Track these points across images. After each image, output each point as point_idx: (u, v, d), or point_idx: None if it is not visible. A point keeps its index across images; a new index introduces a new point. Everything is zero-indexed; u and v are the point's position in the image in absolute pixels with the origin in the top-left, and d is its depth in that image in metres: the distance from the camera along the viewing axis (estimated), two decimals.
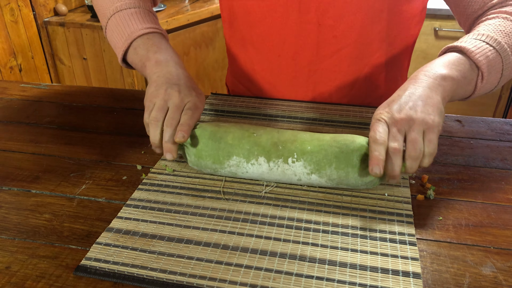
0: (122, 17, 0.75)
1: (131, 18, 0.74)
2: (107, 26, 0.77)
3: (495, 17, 0.69)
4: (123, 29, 0.74)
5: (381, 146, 0.55)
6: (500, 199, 0.61)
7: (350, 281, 0.47)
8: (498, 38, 0.65)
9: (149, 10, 0.78)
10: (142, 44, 0.72)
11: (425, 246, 0.53)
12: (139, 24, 0.74)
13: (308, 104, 0.86)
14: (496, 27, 0.66)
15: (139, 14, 0.75)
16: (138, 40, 0.73)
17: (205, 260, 0.50)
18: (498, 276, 0.49)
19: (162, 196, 0.61)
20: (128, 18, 0.74)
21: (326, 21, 0.81)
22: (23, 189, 0.63)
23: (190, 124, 0.62)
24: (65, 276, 0.49)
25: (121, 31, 0.74)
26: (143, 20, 0.74)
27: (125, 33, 0.74)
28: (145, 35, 0.73)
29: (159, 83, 0.65)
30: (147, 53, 0.71)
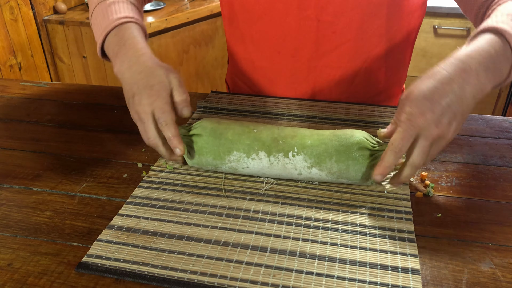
0: (96, 12, 0.73)
1: (106, 11, 0.71)
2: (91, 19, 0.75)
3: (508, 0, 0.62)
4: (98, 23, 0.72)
5: (396, 156, 0.53)
6: (499, 196, 0.61)
7: (349, 278, 0.48)
8: None
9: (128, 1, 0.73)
10: (112, 40, 0.69)
11: (424, 242, 0.53)
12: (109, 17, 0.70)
13: (308, 102, 0.87)
14: None
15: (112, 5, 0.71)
16: (109, 36, 0.69)
17: (205, 257, 0.51)
18: (496, 272, 0.49)
19: (163, 194, 0.61)
20: (102, 13, 0.71)
21: (325, 17, 0.82)
22: (24, 187, 0.64)
23: (175, 133, 0.59)
24: (67, 273, 0.49)
25: (95, 28, 0.72)
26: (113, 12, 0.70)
27: (98, 31, 0.71)
28: (114, 29, 0.69)
29: (128, 91, 0.63)
30: (114, 52, 0.68)
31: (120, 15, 0.69)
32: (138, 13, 0.74)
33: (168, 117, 0.60)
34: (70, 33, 2.06)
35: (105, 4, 0.71)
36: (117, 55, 0.67)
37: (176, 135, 0.60)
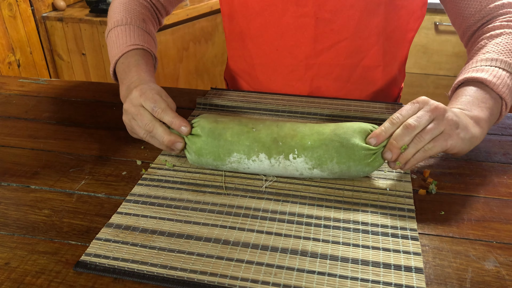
0: (110, 37, 0.80)
1: (117, 37, 0.78)
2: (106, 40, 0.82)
3: (501, 34, 0.70)
4: (110, 50, 0.79)
5: (392, 126, 0.57)
6: (503, 194, 0.61)
7: (352, 276, 0.47)
8: (510, 61, 0.66)
9: (137, 25, 0.80)
10: (119, 68, 0.75)
11: (427, 240, 0.53)
12: (119, 46, 0.77)
13: (309, 98, 0.86)
14: (505, 47, 0.68)
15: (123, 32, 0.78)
16: (118, 64, 0.76)
17: (205, 255, 0.50)
18: (500, 271, 0.48)
19: (162, 191, 0.60)
20: (114, 39, 0.78)
21: (324, 15, 0.81)
22: (22, 185, 0.63)
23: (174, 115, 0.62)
24: (65, 272, 0.48)
25: (109, 53, 0.80)
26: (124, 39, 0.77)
27: (111, 56, 0.78)
28: (121, 57, 0.76)
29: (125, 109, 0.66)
30: (121, 79, 0.74)
31: (129, 43, 0.76)
32: (147, 37, 0.79)
33: (162, 104, 0.62)
34: (69, 30, 2.05)
35: (116, 31, 0.78)
36: (122, 83, 0.72)
37: (176, 116, 0.62)
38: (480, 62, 0.68)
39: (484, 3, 0.74)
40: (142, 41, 0.78)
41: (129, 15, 0.80)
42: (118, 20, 0.80)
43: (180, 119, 0.62)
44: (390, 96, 0.97)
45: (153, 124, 0.62)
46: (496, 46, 0.69)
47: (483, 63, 0.67)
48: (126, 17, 0.80)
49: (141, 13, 0.83)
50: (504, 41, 0.69)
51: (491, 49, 0.69)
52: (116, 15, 0.81)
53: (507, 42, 0.69)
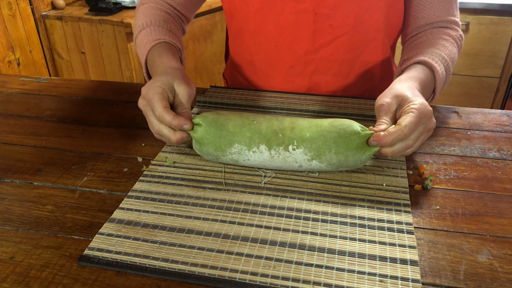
0: (136, 43, 0.85)
1: (141, 41, 0.82)
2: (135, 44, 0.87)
3: (448, 40, 0.81)
4: (139, 55, 0.84)
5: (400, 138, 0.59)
6: (496, 189, 0.62)
7: (348, 269, 0.48)
8: (450, 66, 0.77)
9: (158, 24, 0.84)
10: (149, 66, 0.79)
11: (422, 234, 0.54)
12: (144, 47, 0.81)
13: (307, 96, 0.87)
14: (449, 54, 0.78)
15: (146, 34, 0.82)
16: (147, 63, 0.79)
17: (206, 249, 0.51)
18: (493, 263, 0.50)
19: (163, 187, 0.62)
20: (139, 43, 0.83)
21: (322, 10, 0.82)
22: (25, 181, 0.64)
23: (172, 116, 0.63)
24: (69, 266, 0.50)
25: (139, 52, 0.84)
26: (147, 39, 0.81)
27: (140, 59, 0.83)
28: (149, 52, 0.79)
29: None
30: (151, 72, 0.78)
31: (151, 40, 0.80)
32: (168, 33, 0.83)
33: (157, 105, 0.63)
34: (69, 28, 2.06)
35: (140, 36, 0.83)
36: (153, 75, 0.75)
37: (174, 117, 0.62)
38: (434, 54, 0.76)
39: (442, 14, 0.83)
40: (164, 35, 0.81)
41: (149, 19, 0.85)
42: (140, 25, 0.84)
43: (178, 119, 0.62)
44: None
45: (158, 127, 0.64)
46: (445, 48, 0.78)
47: (437, 56, 0.76)
48: (147, 21, 0.84)
49: (161, 16, 0.87)
50: (450, 47, 0.80)
51: (441, 48, 0.78)
52: (139, 22, 0.86)
53: (451, 50, 0.79)
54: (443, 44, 0.79)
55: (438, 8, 0.83)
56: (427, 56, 0.75)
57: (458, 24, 0.85)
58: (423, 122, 0.60)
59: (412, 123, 0.59)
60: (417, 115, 0.59)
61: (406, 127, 0.59)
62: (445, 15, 0.83)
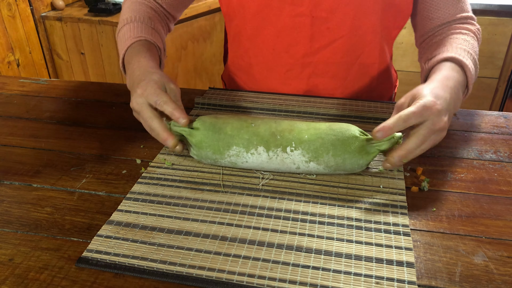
0: (118, 37, 0.83)
1: (123, 35, 0.81)
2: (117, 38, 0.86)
3: (468, 34, 0.79)
4: (118, 48, 0.82)
5: (400, 123, 0.58)
6: (493, 191, 0.62)
7: (345, 271, 0.49)
8: (476, 59, 0.75)
9: (142, 21, 0.83)
10: (126, 61, 0.77)
11: (418, 236, 0.54)
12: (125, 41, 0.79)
13: (305, 98, 0.87)
14: (472, 47, 0.76)
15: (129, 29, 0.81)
16: (125, 58, 0.78)
17: (204, 251, 0.51)
18: (489, 265, 0.50)
19: (162, 189, 0.62)
20: (121, 37, 0.81)
21: (320, 13, 0.82)
22: (24, 183, 0.64)
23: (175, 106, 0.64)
24: (67, 268, 0.50)
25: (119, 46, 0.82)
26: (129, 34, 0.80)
27: (119, 50, 0.81)
28: (126, 51, 0.78)
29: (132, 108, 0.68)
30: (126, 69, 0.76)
31: (132, 37, 0.79)
32: (151, 31, 0.82)
33: (163, 97, 0.64)
34: (68, 29, 2.06)
35: (123, 30, 0.82)
36: (127, 73, 0.75)
37: (177, 108, 0.63)
38: (459, 49, 0.74)
39: (455, 11, 0.83)
40: (145, 33, 0.80)
41: (134, 14, 0.84)
42: (124, 19, 0.83)
43: (180, 111, 0.63)
44: (385, 93, 0.99)
45: (151, 120, 0.64)
46: (467, 42, 0.77)
47: (462, 51, 0.74)
48: (132, 16, 0.83)
49: (147, 12, 0.86)
50: (471, 41, 0.78)
51: (463, 43, 0.76)
52: (124, 15, 0.85)
53: (473, 44, 0.78)
54: (464, 39, 0.78)
55: (452, 6, 0.82)
56: (454, 52, 0.74)
57: (474, 18, 0.84)
58: (426, 116, 0.58)
59: (410, 111, 0.58)
60: (417, 106, 0.58)
61: (404, 113, 0.58)
62: (459, 12, 0.83)
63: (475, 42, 0.79)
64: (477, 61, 0.76)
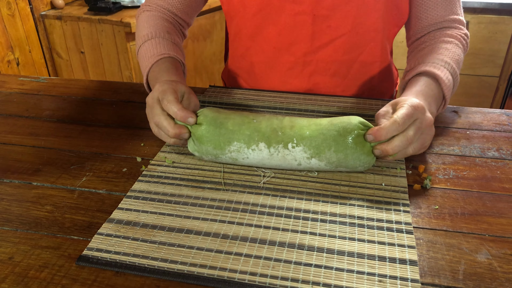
0: (140, 53, 0.84)
1: (146, 51, 0.82)
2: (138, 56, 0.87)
3: (452, 42, 0.80)
4: (141, 65, 0.83)
5: (395, 127, 0.59)
6: (495, 188, 0.62)
7: (348, 269, 0.48)
8: (455, 68, 0.75)
9: (163, 37, 0.84)
10: (151, 76, 0.78)
11: (421, 234, 0.54)
12: (149, 58, 0.80)
13: (306, 96, 0.87)
14: (454, 55, 0.77)
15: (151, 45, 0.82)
16: (150, 73, 0.79)
17: (205, 249, 0.51)
18: (492, 263, 0.50)
19: (162, 187, 0.62)
20: (144, 53, 0.82)
21: (321, 11, 0.82)
22: (24, 182, 0.64)
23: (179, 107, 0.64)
24: (68, 266, 0.50)
25: (141, 67, 0.83)
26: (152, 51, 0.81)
27: (142, 69, 0.82)
28: (152, 67, 0.79)
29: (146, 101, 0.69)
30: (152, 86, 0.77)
31: (157, 53, 0.80)
32: (174, 46, 0.83)
33: (170, 96, 0.64)
34: (68, 28, 2.06)
35: (145, 46, 0.83)
36: (153, 88, 0.73)
37: (181, 109, 0.63)
38: (437, 60, 0.75)
39: (445, 13, 0.83)
40: (169, 50, 0.81)
41: (153, 30, 0.84)
42: (144, 35, 0.84)
43: (184, 111, 0.63)
44: (387, 92, 0.98)
45: (159, 117, 0.64)
46: (447, 51, 0.77)
47: (439, 62, 0.75)
48: (151, 32, 0.84)
49: (164, 26, 0.87)
50: (453, 49, 0.78)
51: (444, 52, 0.77)
52: (143, 31, 0.85)
53: (455, 51, 0.78)
54: (445, 48, 0.78)
55: (441, 7, 0.83)
56: (429, 65, 0.74)
57: (462, 22, 0.84)
58: (416, 115, 0.60)
59: (404, 113, 0.59)
60: (409, 106, 0.60)
61: (399, 117, 0.59)
62: (448, 14, 0.83)
63: (458, 49, 0.79)
64: (458, 70, 0.77)
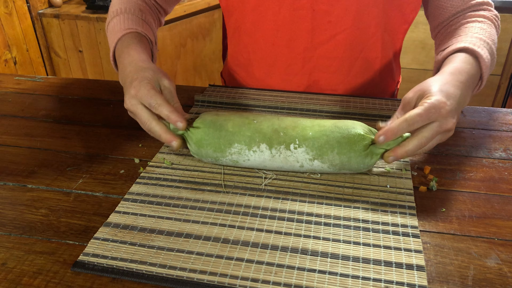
0: (108, 29, 0.80)
1: (113, 27, 0.78)
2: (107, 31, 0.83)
3: (484, 22, 0.75)
4: (109, 41, 0.79)
5: (406, 127, 0.56)
6: (504, 190, 0.60)
7: (353, 275, 0.47)
8: (493, 48, 0.71)
9: (132, 13, 0.80)
10: (117, 54, 0.75)
11: (428, 238, 0.52)
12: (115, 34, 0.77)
13: (308, 95, 0.85)
14: (490, 35, 0.73)
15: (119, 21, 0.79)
16: (116, 51, 0.75)
17: (205, 254, 0.49)
18: (503, 268, 0.48)
19: (161, 190, 0.60)
20: (111, 29, 0.79)
21: (320, 6, 0.80)
22: (18, 184, 0.62)
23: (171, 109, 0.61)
24: (63, 272, 0.48)
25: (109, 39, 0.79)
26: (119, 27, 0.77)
27: (109, 43, 0.78)
28: (120, 39, 0.75)
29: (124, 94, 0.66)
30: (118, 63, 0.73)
31: (122, 29, 0.76)
32: (142, 23, 0.79)
33: (158, 99, 0.61)
34: (66, 27, 2.03)
35: (113, 22, 0.79)
36: (118, 67, 0.72)
37: (173, 111, 0.61)
38: (474, 39, 0.70)
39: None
40: (136, 25, 0.77)
41: (124, 6, 0.81)
42: (114, 11, 0.80)
43: (176, 114, 0.61)
44: (388, 89, 0.96)
45: (150, 123, 0.62)
46: (483, 31, 0.73)
47: (478, 41, 0.70)
48: (121, 7, 0.80)
49: (137, 4, 0.83)
50: (489, 29, 0.74)
51: (480, 32, 0.73)
52: (114, 7, 0.82)
53: (490, 31, 0.73)
54: (480, 27, 0.74)
55: None
56: (468, 42, 0.70)
57: (491, 4, 0.80)
58: (434, 117, 0.56)
59: (416, 114, 0.56)
60: (425, 107, 0.56)
61: (410, 116, 0.56)
62: None
63: (493, 29, 0.75)
64: (495, 50, 0.72)
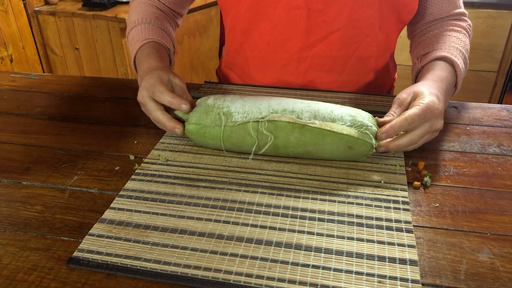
0: (128, 40, 0.86)
1: (133, 38, 0.83)
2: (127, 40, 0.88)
3: (461, 32, 0.82)
4: (130, 49, 0.85)
5: (405, 125, 0.60)
6: (497, 185, 0.60)
7: (346, 269, 0.47)
8: (466, 58, 0.78)
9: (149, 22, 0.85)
10: (137, 63, 0.79)
11: (421, 233, 0.53)
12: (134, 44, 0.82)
13: (303, 91, 0.85)
14: (464, 45, 0.79)
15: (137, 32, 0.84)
16: (136, 58, 0.80)
17: (199, 250, 0.49)
18: (495, 262, 0.48)
19: (156, 186, 0.60)
20: (131, 39, 0.84)
21: (316, 6, 0.80)
22: (13, 181, 0.62)
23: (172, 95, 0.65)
24: (57, 268, 0.48)
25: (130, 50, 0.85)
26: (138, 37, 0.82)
27: (130, 54, 0.83)
28: (139, 49, 0.79)
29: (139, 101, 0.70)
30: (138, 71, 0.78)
31: (141, 39, 0.80)
32: (159, 32, 0.84)
33: (160, 88, 0.65)
34: (62, 24, 2.03)
35: (132, 33, 0.84)
36: (138, 72, 0.77)
37: (174, 96, 0.64)
38: (452, 48, 0.77)
39: (449, 8, 0.84)
40: (154, 34, 0.82)
41: (141, 16, 0.85)
42: (132, 22, 0.85)
43: (178, 99, 0.64)
44: (383, 87, 0.97)
45: (155, 112, 0.65)
46: (459, 40, 0.79)
47: (455, 51, 0.76)
48: (139, 18, 0.85)
49: (153, 13, 0.87)
50: (464, 39, 0.80)
51: (455, 41, 0.79)
52: (131, 18, 0.86)
53: (465, 41, 0.80)
54: (456, 36, 0.80)
55: (447, 3, 0.84)
56: (447, 51, 0.76)
57: (465, 14, 0.86)
58: (428, 118, 0.61)
59: (415, 114, 0.60)
60: (422, 108, 0.61)
61: (410, 115, 0.60)
62: (453, 8, 0.85)
63: (467, 39, 0.82)
64: (467, 59, 0.79)
